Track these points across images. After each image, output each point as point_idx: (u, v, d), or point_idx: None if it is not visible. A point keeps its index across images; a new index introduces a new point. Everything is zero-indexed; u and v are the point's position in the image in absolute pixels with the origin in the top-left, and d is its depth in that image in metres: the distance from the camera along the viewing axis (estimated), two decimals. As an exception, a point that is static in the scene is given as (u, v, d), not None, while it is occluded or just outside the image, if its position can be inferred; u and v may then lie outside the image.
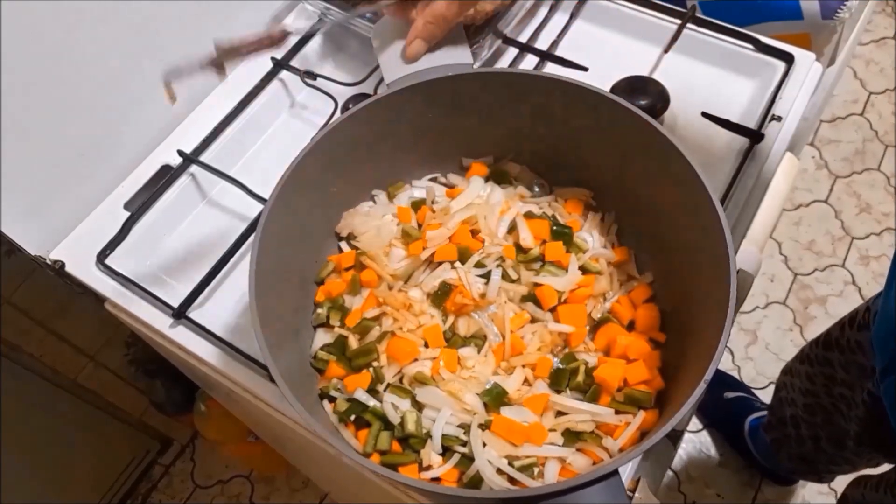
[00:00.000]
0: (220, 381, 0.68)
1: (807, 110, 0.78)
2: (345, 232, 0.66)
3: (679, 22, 0.81)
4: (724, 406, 1.46)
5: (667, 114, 0.75)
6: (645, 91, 0.74)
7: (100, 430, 1.34)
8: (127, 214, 0.75)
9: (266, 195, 0.74)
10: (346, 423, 0.57)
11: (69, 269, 0.73)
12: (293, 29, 0.70)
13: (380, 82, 0.79)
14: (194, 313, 0.69)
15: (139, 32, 0.74)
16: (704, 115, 0.75)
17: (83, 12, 0.68)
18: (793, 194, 1.75)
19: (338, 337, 0.61)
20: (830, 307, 1.62)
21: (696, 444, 1.49)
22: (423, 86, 0.62)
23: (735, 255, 0.51)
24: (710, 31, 0.81)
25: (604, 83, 0.70)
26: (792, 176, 0.78)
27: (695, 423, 1.51)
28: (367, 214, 0.66)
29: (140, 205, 0.76)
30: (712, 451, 1.49)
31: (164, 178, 0.77)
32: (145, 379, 1.31)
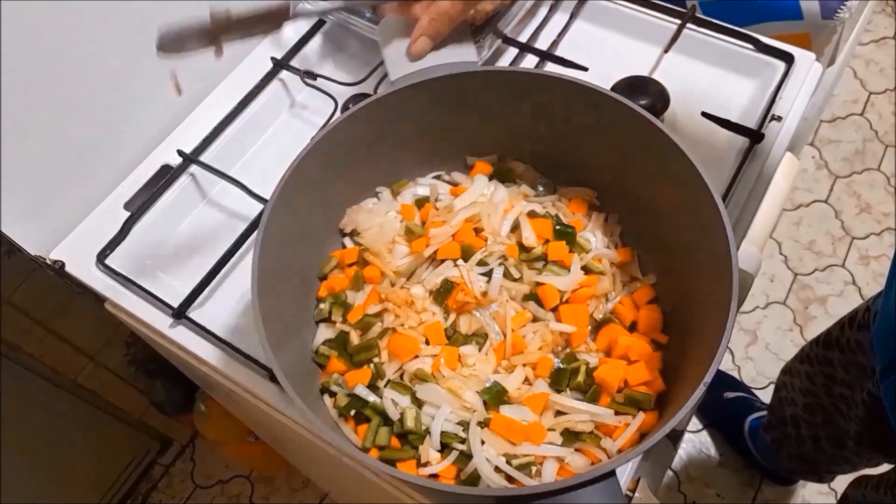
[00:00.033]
0: (220, 381, 0.68)
1: (807, 110, 0.78)
2: (348, 228, 0.66)
3: (679, 22, 0.81)
4: (724, 406, 1.46)
5: (667, 114, 0.75)
6: (645, 91, 0.74)
7: (100, 430, 1.34)
8: (127, 214, 0.75)
9: (266, 195, 0.74)
10: (347, 419, 0.57)
11: (69, 269, 0.73)
12: (296, 10, 0.69)
13: (380, 82, 0.79)
14: (194, 313, 0.69)
15: (139, 32, 0.74)
16: (704, 114, 0.75)
17: (83, 12, 0.68)
18: (793, 194, 1.75)
19: (339, 332, 0.61)
20: (830, 307, 1.62)
21: (696, 444, 1.49)
22: (426, 84, 0.62)
23: (737, 254, 0.51)
24: (710, 31, 0.81)
25: (604, 83, 0.69)
26: (792, 176, 0.78)
27: (695, 423, 1.51)
28: (371, 211, 0.66)
29: (140, 205, 0.76)
30: (712, 451, 1.49)
31: (164, 178, 0.77)
32: (145, 379, 1.31)
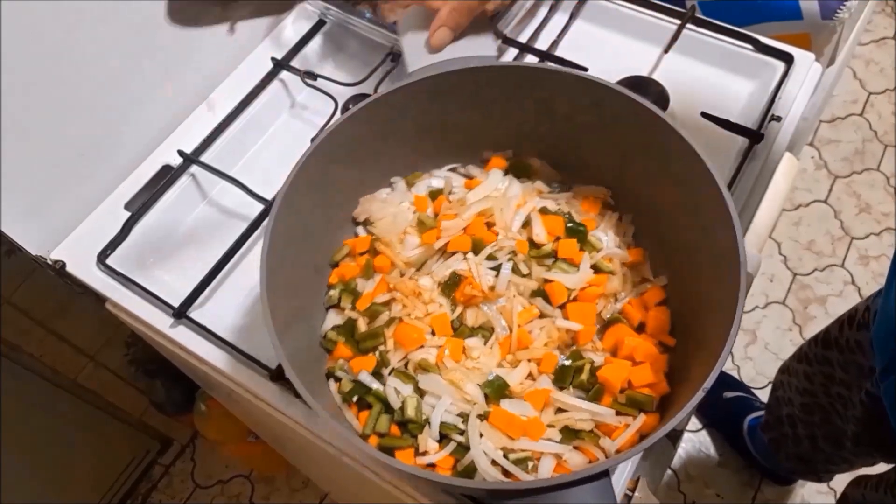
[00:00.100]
0: (221, 381, 0.68)
1: (806, 110, 0.78)
2: (361, 217, 0.66)
3: (679, 22, 0.81)
4: (724, 406, 1.46)
5: (666, 114, 0.75)
6: (645, 91, 0.75)
7: (100, 430, 1.34)
8: (127, 214, 0.75)
9: (267, 195, 0.75)
10: (350, 404, 0.58)
11: (69, 269, 0.73)
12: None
13: (380, 82, 0.79)
14: (195, 313, 0.69)
15: (139, 32, 0.74)
16: (704, 115, 0.75)
17: (83, 12, 0.68)
18: (792, 194, 1.75)
19: (347, 319, 0.62)
20: (830, 307, 1.62)
21: (696, 443, 1.50)
22: (444, 77, 0.61)
23: (745, 254, 0.50)
24: (710, 32, 0.81)
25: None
26: (792, 176, 0.78)
27: (694, 422, 1.51)
28: (384, 201, 0.66)
29: (140, 205, 0.76)
30: (712, 451, 1.49)
31: (165, 178, 0.77)
32: (145, 379, 1.31)
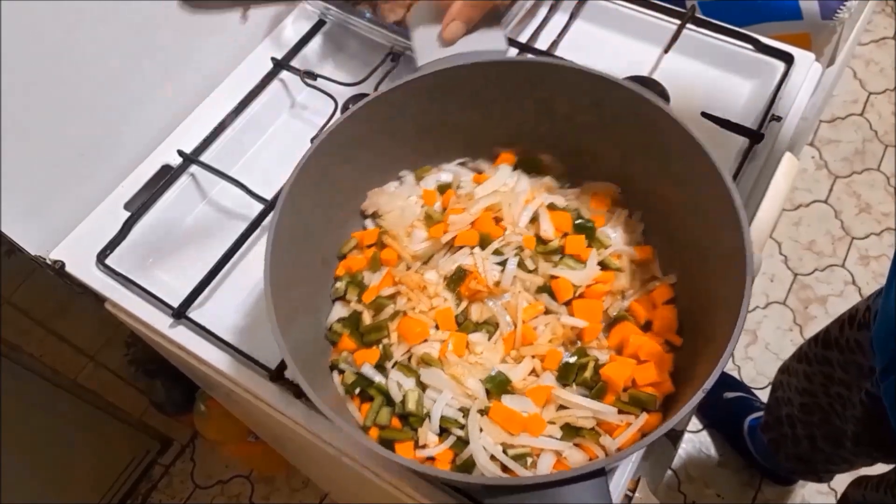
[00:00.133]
0: (221, 381, 0.68)
1: (807, 110, 0.78)
2: (370, 210, 0.66)
3: (679, 22, 0.81)
4: (724, 406, 1.46)
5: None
6: (645, 91, 0.74)
7: (100, 430, 1.34)
8: (127, 214, 0.75)
9: (266, 195, 0.75)
10: (353, 396, 0.58)
11: (69, 269, 0.73)
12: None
13: (380, 82, 0.79)
14: (194, 313, 0.69)
15: (139, 32, 0.74)
16: (704, 115, 0.75)
17: (83, 12, 0.68)
18: (793, 194, 1.74)
19: (353, 312, 0.62)
20: (830, 307, 1.62)
21: (696, 444, 1.49)
22: (454, 71, 0.61)
23: (752, 252, 0.50)
24: (710, 32, 0.80)
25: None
26: (792, 176, 0.77)
27: (695, 423, 1.51)
28: (393, 194, 0.66)
29: (140, 205, 0.76)
30: (712, 451, 1.49)
31: (165, 178, 0.77)
32: (145, 379, 1.31)
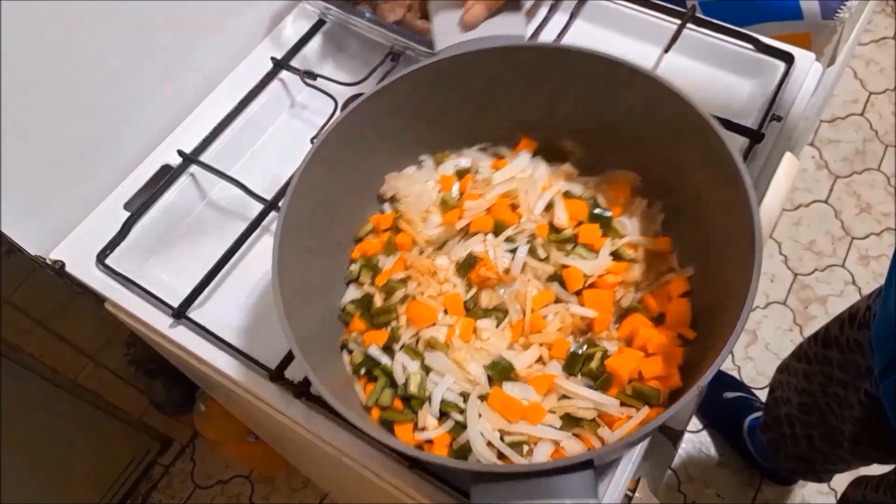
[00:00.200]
0: (220, 381, 0.68)
1: (807, 110, 0.78)
2: (388, 194, 0.67)
3: (679, 22, 0.80)
4: (724, 406, 1.46)
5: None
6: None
7: (100, 430, 1.34)
8: (127, 214, 0.75)
9: (266, 195, 0.75)
10: (359, 377, 0.59)
11: (69, 269, 0.73)
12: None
13: (380, 82, 0.79)
14: (194, 313, 0.69)
15: (139, 32, 0.74)
16: (704, 115, 0.75)
17: (83, 12, 0.68)
18: (793, 194, 1.74)
19: (365, 294, 0.63)
20: (830, 307, 1.62)
21: (696, 444, 1.49)
22: (472, 56, 0.61)
23: (761, 253, 0.49)
24: (710, 31, 0.80)
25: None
26: (792, 176, 0.78)
27: (695, 423, 1.51)
28: (411, 178, 0.66)
29: (140, 205, 0.76)
30: (712, 451, 1.49)
31: (164, 178, 0.77)
32: (145, 379, 1.31)
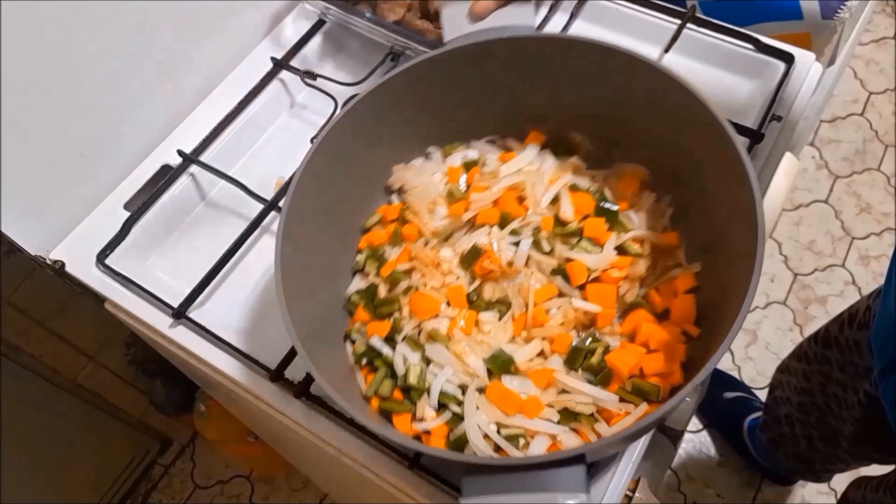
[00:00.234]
0: (220, 381, 0.68)
1: (807, 110, 0.78)
2: (396, 185, 0.67)
3: (679, 22, 0.81)
4: (724, 406, 1.46)
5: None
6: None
7: (100, 430, 1.34)
8: (127, 214, 0.75)
9: (266, 195, 0.75)
10: (361, 367, 0.59)
11: (69, 269, 0.73)
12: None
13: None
14: (194, 313, 0.69)
15: (139, 32, 0.74)
16: (704, 115, 0.74)
17: (83, 12, 0.68)
18: (793, 194, 1.74)
19: (370, 284, 0.63)
20: (830, 307, 1.62)
21: (696, 444, 1.49)
22: (481, 46, 0.61)
23: (762, 252, 0.48)
24: (710, 31, 0.80)
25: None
26: (792, 176, 0.77)
27: (695, 423, 1.51)
28: (419, 170, 0.66)
29: (140, 205, 0.76)
30: (712, 451, 1.49)
31: (164, 178, 0.77)
32: (145, 379, 1.31)
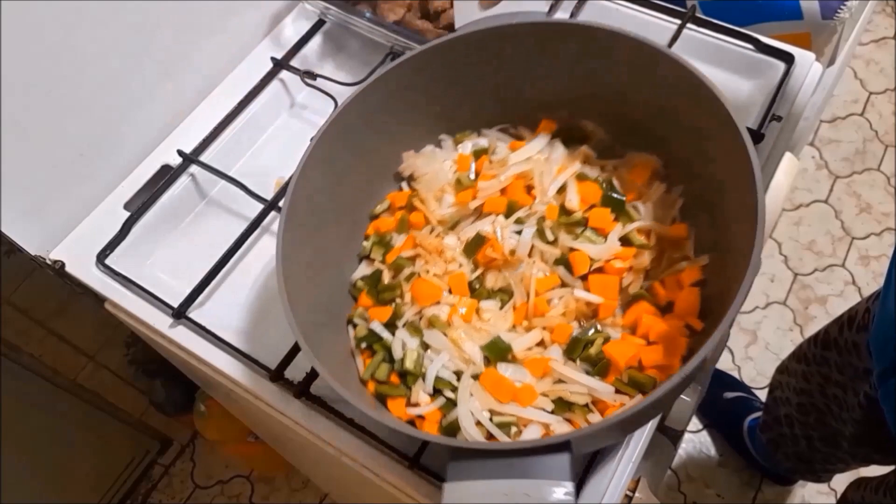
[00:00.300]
0: (220, 381, 0.68)
1: (807, 110, 0.78)
2: (406, 173, 0.67)
3: (679, 22, 0.80)
4: (724, 406, 1.46)
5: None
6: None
7: (100, 430, 1.34)
8: (127, 214, 0.75)
9: (266, 195, 0.75)
10: (362, 351, 0.60)
11: (69, 269, 0.73)
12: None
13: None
14: (194, 313, 0.69)
15: (139, 32, 0.74)
16: (704, 115, 0.74)
17: (83, 12, 0.68)
18: (793, 194, 1.74)
19: (375, 270, 0.63)
20: (830, 307, 1.62)
21: (696, 444, 1.49)
22: (493, 31, 0.61)
23: (760, 252, 0.48)
24: (710, 31, 0.80)
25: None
26: (792, 176, 0.77)
27: (695, 423, 1.51)
28: (429, 157, 0.67)
29: (140, 205, 0.76)
30: (712, 451, 1.49)
31: (164, 178, 0.77)
32: (145, 379, 1.31)
